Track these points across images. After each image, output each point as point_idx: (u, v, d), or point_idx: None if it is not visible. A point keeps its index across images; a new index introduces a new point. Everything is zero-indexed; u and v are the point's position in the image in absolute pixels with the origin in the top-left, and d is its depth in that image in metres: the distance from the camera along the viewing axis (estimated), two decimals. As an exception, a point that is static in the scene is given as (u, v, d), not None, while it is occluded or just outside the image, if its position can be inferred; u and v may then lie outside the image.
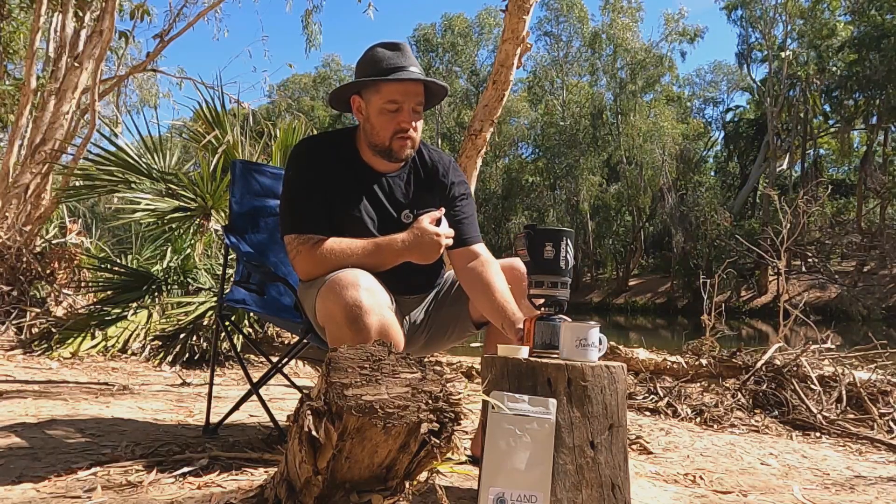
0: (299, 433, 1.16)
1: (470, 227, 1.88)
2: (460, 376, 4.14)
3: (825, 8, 27.86)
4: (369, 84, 1.74)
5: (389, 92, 1.72)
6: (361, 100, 1.78)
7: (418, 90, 1.75)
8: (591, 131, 31.27)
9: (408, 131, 1.74)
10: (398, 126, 1.73)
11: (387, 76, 1.71)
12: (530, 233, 1.65)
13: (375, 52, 1.76)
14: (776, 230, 4.31)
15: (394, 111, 1.72)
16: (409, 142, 1.76)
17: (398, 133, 1.73)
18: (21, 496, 1.43)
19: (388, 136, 1.74)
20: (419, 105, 1.76)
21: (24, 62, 6.24)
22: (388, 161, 1.79)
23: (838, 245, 23.85)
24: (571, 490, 1.37)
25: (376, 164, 1.81)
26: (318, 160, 1.79)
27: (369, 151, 1.80)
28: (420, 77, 1.73)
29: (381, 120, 1.74)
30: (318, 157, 1.80)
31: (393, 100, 1.72)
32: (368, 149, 1.79)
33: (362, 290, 1.53)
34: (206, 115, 4.58)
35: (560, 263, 1.61)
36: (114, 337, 4.22)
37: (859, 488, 2.00)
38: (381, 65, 1.73)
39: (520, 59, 4.16)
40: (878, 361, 3.59)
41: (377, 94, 1.73)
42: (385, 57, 1.73)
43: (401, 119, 1.73)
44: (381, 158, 1.79)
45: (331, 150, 1.82)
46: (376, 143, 1.76)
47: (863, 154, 27.78)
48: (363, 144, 1.81)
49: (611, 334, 10.35)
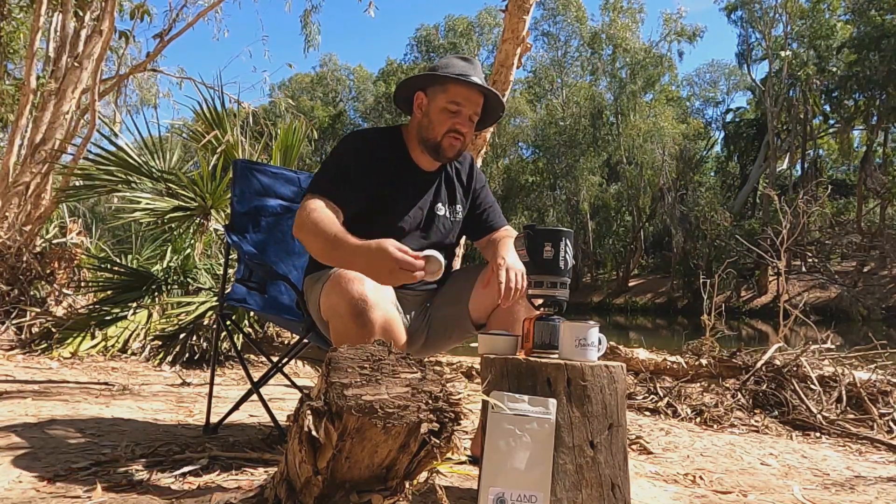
0: (299, 433, 1.16)
1: (492, 214, 2.02)
2: (460, 376, 4.14)
3: (825, 8, 27.86)
4: (438, 82, 1.84)
5: (455, 93, 1.82)
6: (425, 96, 1.87)
7: (479, 100, 1.86)
8: (591, 131, 31.26)
9: (461, 133, 1.84)
10: (453, 126, 1.83)
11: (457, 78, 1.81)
12: (530, 233, 1.65)
13: (451, 59, 1.88)
14: (776, 230, 4.31)
15: (454, 112, 1.82)
16: (458, 143, 1.85)
17: (452, 132, 1.83)
18: (21, 496, 1.43)
19: (441, 132, 1.83)
20: (476, 115, 1.86)
21: (24, 62, 6.23)
22: (435, 158, 1.88)
23: (838, 245, 23.85)
24: (571, 490, 1.37)
25: (422, 161, 1.91)
26: (368, 147, 1.87)
27: (418, 148, 1.89)
28: (486, 86, 1.83)
29: (440, 117, 1.83)
30: (368, 144, 1.88)
31: (456, 101, 1.82)
32: (418, 145, 1.89)
33: (367, 285, 1.56)
34: (205, 115, 4.59)
35: (559, 263, 1.61)
36: (114, 337, 4.23)
37: (859, 488, 2.00)
38: (453, 70, 1.84)
39: (520, 59, 4.16)
40: (878, 361, 3.59)
41: (444, 92, 1.83)
42: (458, 65, 1.85)
43: (458, 121, 1.83)
44: (427, 155, 1.88)
45: (378, 145, 1.89)
46: (429, 137, 1.85)
47: (863, 154, 27.78)
48: (412, 141, 1.90)
49: (611, 334, 10.37)
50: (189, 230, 4.72)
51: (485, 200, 2.04)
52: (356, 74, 41.08)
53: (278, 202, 2.33)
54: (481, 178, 2.07)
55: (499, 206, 2.07)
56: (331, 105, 39.96)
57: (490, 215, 2.02)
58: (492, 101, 1.91)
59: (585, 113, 31.42)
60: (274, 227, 2.30)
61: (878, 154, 27.68)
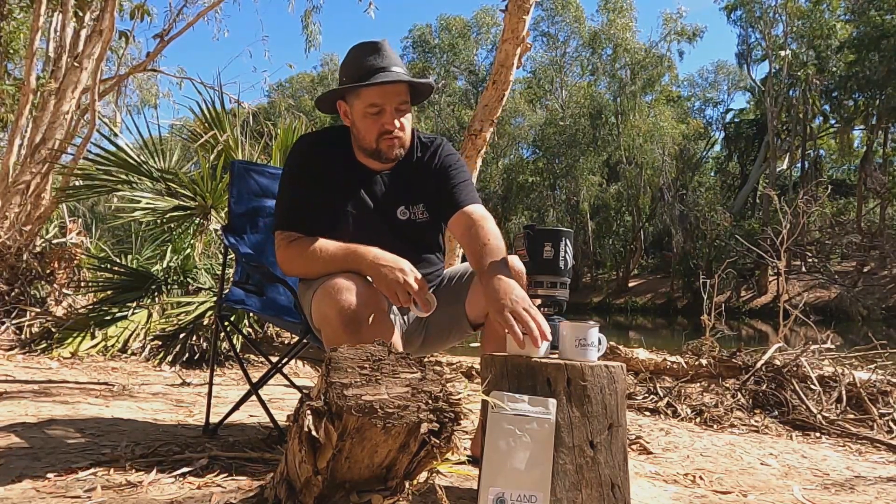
0: (299, 433, 1.16)
1: (461, 191, 1.80)
2: (460, 376, 4.14)
3: (825, 8, 27.86)
4: (350, 90, 1.73)
5: (369, 96, 1.71)
6: (346, 104, 1.78)
7: (399, 90, 1.72)
8: (591, 131, 31.26)
9: (393, 132, 1.73)
10: (382, 128, 1.72)
11: (366, 80, 1.69)
12: (530, 233, 1.65)
13: (354, 55, 1.75)
14: (776, 230, 4.31)
15: (376, 114, 1.72)
16: (396, 141, 1.75)
17: (383, 134, 1.73)
18: (21, 496, 1.43)
19: (373, 139, 1.74)
20: (403, 104, 1.74)
21: (24, 62, 6.23)
22: (380, 162, 1.79)
23: (838, 245, 23.84)
24: (571, 490, 1.37)
25: (370, 163, 1.81)
26: (314, 159, 1.80)
27: (362, 154, 1.81)
28: (397, 78, 1.70)
29: (365, 123, 1.73)
30: (313, 155, 1.81)
31: (373, 103, 1.71)
32: (360, 152, 1.81)
33: (358, 295, 1.54)
34: (205, 115, 4.59)
35: (559, 263, 1.61)
36: (114, 337, 4.23)
37: (859, 488, 2.00)
38: (360, 69, 1.71)
39: (520, 59, 4.16)
40: (878, 361, 3.59)
41: (358, 98, 1.73)
42: (363, 60, 1.72)
43: (384, 121, 1.72)
44: (373, 160, 1.79)
45: (328, 149, 1.82)
46: (365, 145, 1.76)
47: (863, 154, 27.77)
48: (356, 147, 1.81)
49: (611, 334, 10.36)
50: (189, 230, 4.72)
51: (453, 177, 1.82)
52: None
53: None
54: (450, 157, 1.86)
55: (472, 185, 1.87)
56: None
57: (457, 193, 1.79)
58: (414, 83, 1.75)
59: (585, 113, 31.41)
60: (272, 227, 2.30)
61: (878, 154, 27.67)
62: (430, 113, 33.15)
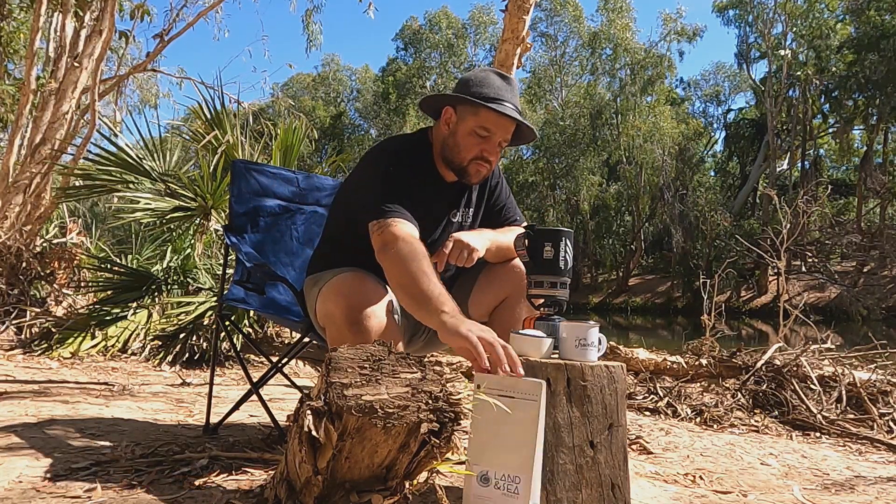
0: (299, 433, 1.16)
1: (510, 209, 1.98)
2: (460, 376, 4.14)
3: (823, 8, 27.85)
4: (469, 103, 1.73)
5: (487, 119, 1.72)
6: (455, 114, 1.77)
7: (510, 127, 1.76)
8: (591, 131, 31.25)
9: (488, 160, 1.76)
10: (481, 152, 1.74)
11: (494, 105, 1.71)
12: (530, 233, 1.65)
13: (488, 75, 1.78)
14: (776, 230, 4.32)
15: (483, 137, 1.73)
16: (485, 170, 1.77)
17: (478, 159, 1.75)
18: (21, 496, 1.43)
19: (468, 158, 1.75)
20: (505, 141, 1.78)
21: (24, 62, 6.23)
22: (460, 179, 1.81)
23: (838, 245, 23.83)
24: (571, 490, 1.37)
25: (447, 175, 1.83)
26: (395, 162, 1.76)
27: (441, 162, 1.81)
28: (521, 117, 1.74)
29: (468, 141, 1.74)
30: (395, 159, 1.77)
31: (486, 127, 1.72)
32: (443, 161, 1.81)
33: (364, 293, 1.54)
34: (205, 115, 4.59)
35: (559, 264, 1.62)
36: (114, 337, 4.22)
37: (859, 488, 2.00)
38: (488, 91, 1.73)
39: (520, 59, 4.16)
40: (878, 361, 3.59)
41: (474, 116, 1.73)
42: (494, 85, 1.75)
43: (486, 148, 1.74)
44: (453, 174, 1.81)
45: (407, 155, 1.80)
46: (455, 160, 1.77)
47: (863, 154, 27.76)
48: (437, 154, 1.82)
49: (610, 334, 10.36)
50: (189, 230, 4.72)
51: (500, 197, 1.98)
52: (359, 75, 41.05)
53: (277, 202, 2.33)
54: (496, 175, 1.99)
55: (514, 201, 2.03)
56: (332, 105, 39.97)
57: (507, 212, 1.98)
58: (523, 128, 1.80)
59: (585, 113, 31.41)
60: (272, 227, 2.30)
61: (878, 154, 27.67)
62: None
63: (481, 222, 1.96)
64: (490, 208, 1.96)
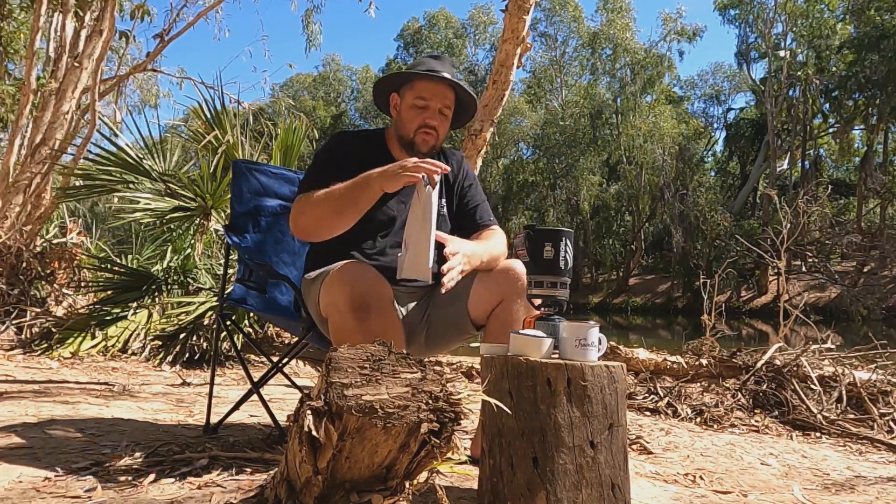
0: (299, 433, 1.16)
1: (483, 211, 2.04)
2: (460, 376, 4.14)
3: (823, 8, 27.83)
4: (405, 80, 1.92)
5: (420, 88, 1.89)
6: (398, 96, 1.95)
7: (446, 92, 1.91)
8: (591, 131, 31.24)
9: (432, 127, 1.89)
10: (423, 121, 1.88)
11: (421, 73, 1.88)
12: (530, 233, 1.65)
13: (420, 58, 1.99)
14: (776, 230, 4.31)
15: (422, 107, 1.88)
16: (431, 137, 1.90)
17: (423, 127, 1.89)
18: (21, 496, 1.43)
19: (413, 129, 1.89)
20: (446, 108, 1.92)
21: (24, 62, 6.23)
22: (411, 154, 1.89)
23: (838, 245, 23.81)
24: (571, 490, 1.37)
25: (403, 157, 1.91)
26: (349, 146, 1.94)
27: (397, 146, 1.95)
28: (448, 77, 1.88)
29: (410, 114, 1.90)
30: (349, 143, 1.96)
31: (422, 96, 1.88)
32: (397, 143, 1.95)
33: (367, 281, 1.59)
34: (205, 115, 4.59)
35: (559, 263, 1.61)
36: (114, 337, 4.22)
37: (859, 488, 2.00)
38: (420, 68, 1.92)
39: (520, 59, 4.16)
40: (878, 361, 3.58)
41: (410, 90, 1.90)
42: (426, 63, 1.93)
43: (427, 116, 1.89)
44: (406, 152, 1.91)
45: (361, 143, 1.97)
46: (403, 134, 1.92)
47: (863, 154, 27.74)
48: (393, 141, 1.97)
49: (610, 334, 10.36)
50: (189, 230, 4.72)
51: (473, 198, 2.04)
52: (359, 75, 41.04)
53: (278, 202, 2.33)
54: (471, 175, 2.09)
55: (488, 205, 2.09)
56: (333, 105, 39.96)
57: (480, 213, 2.03)
58: (463, 97, 1.95)
59: (585, 113, 31.40)
60: (273, 226, 2.31)
61: (878, 154, 27.66)
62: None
63: (454, 222, 2.02)
64: (463, 207, 2.02)
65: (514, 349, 1.49)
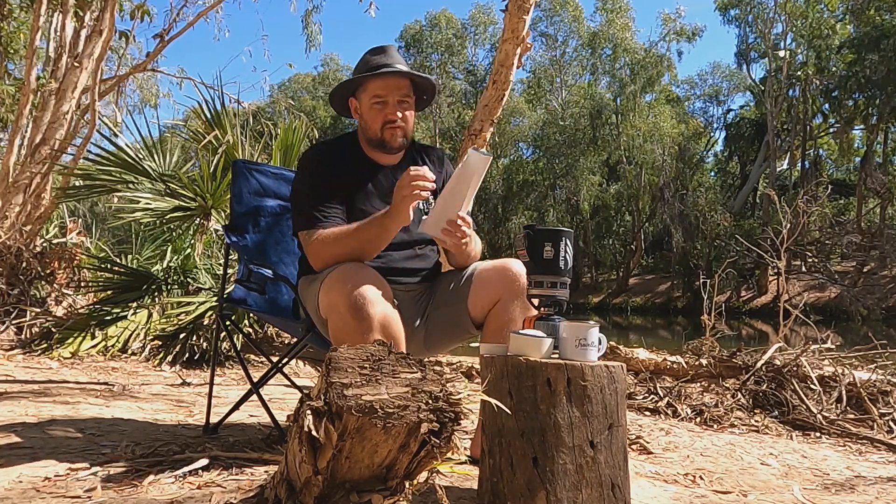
0: (299, 433, 1.16)
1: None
2: (460, 376, 4.14)
3: (823, 8, 27.82)
4: (358, 84, 1.91)
5: (373, 88, 1.88)
6: (356, 100, 1.95)
7: (400, 84, 1.90)
8: (591, 131, 31.23)
9: (395, 122, 1.88)
10: (385, 118, 1.88)
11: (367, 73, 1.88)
12: (530, 233, 1.65)
13: (364, 57, 1.95)
14: (776, 230, 4.31)
15: (380, 104, 1.88)
16: (398, 130, 1.90)
17: (387, 124, 1.88)
18: (21, 496, 1.44)
19: (378, 128, 1.89)
20: (405, 97, 1.91)
21: (24, 62, 6.23)
22: (385, 151, 1.93)
23: (838, 245, 23.80)
24: (571, 490, 1.37)
25: (378, 157, 1.95)
26: (323, 162, 1.92)
27: (369, 147, 1.95)
28: (398, 69, 1.88)
29: (370, 114, 1.89)
30: (322, 159, 1.94)
31: (377, 94, 1.88)
32: (367, 144, 1.95)
33: (366, 282, 1.59)
34: (205, 115, 4.59)
35: (559, 263, 1.62)
36: (114, 337, 4.22)
37: (859, 488, 2.00)
38: (367, 66, 1.91)
39: (520, 58, 4.15)
40: (878, 361, 3.59)
41: (364, 91, 1.90)
42: (370, 59, 1.92)
43: (387, 112, 1.88)
44: (379, 151, 1.93)
45: (335, 151, 1.96)
46: (370, 136, 1.92)
47: (863, 154, 27.73)
48: (363, 142, 1.96)
49: (610, 334, 10.36)
50: (189, 230, 4.72)
51: None
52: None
53: (277, 202, 2.33)
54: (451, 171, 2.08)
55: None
56: (333, 105, 39.86)
57: None
58: (416, 80, 1.94)
59: (585, 113, 31.38)
60: (273, 226, 2.30)
61: (878, 154, 27.65)
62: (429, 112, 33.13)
63: None
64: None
65: (513, 349, 1.49)
